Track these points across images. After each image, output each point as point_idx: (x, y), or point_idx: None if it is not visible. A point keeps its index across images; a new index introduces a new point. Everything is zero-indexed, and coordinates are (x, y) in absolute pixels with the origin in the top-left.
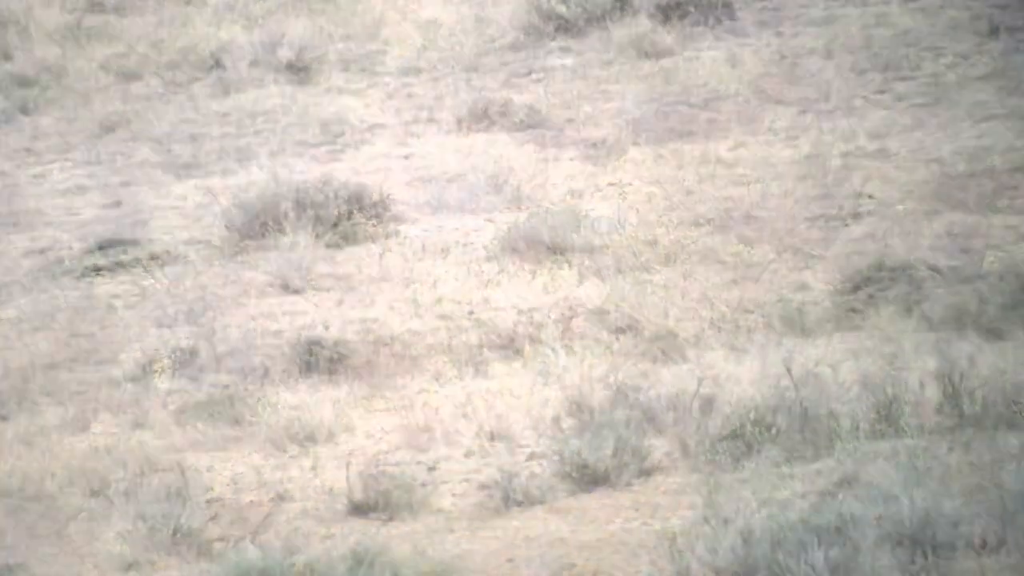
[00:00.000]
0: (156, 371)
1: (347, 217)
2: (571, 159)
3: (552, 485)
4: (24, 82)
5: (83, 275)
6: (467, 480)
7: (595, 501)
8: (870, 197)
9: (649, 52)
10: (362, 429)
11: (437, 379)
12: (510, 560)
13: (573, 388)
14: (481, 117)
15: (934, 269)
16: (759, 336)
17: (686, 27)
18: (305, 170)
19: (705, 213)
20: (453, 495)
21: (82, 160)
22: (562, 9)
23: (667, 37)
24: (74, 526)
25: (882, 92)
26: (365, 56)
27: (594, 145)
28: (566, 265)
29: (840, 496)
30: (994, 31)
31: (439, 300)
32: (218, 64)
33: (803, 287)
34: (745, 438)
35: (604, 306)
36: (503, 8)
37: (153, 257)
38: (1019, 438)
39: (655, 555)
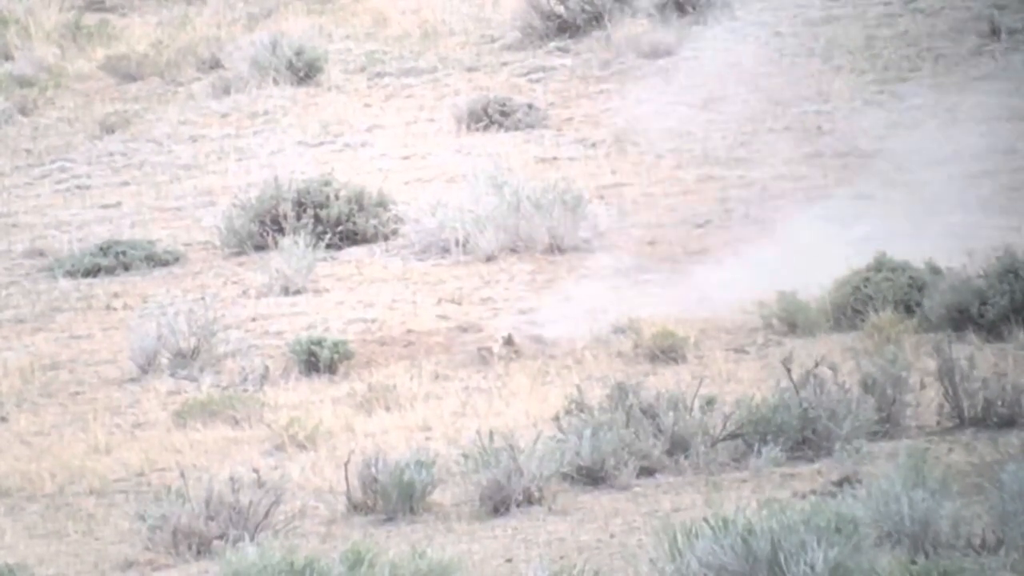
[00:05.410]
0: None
1: (347, 217)
2: (570, 159)
3: (552, 485)
4: (24, 82)
5: (83, 275)
6: (466, 480)
7: (595, 501)
8: (870, 198)
9: (648, 52)
10: (362, 429)
11: (437, 379)
12: (509, 560)
13: (573, 388)
14: (480, 117)
15: (934, 269)
16: (759, 336)
17: (685, 27)
18: (305, 170)
19: (705, 213)
20: (453, 495)
21: (82, 160)
22: (562, 9)
23: (667, 37)
24: (74, 526)
25: (882, 92)
26: (365, 56)
27: (593, 145)
28: (565, 265)
29: (840, 496)
30: (994, 32)
31: (439, 300)
32: (218, 64)
33: (803, 287)
34: (745, 438)
35: (603, 306)
36: (503, 8)
37: (153, 257)
38: (1019, 438)
39: (655, 555)
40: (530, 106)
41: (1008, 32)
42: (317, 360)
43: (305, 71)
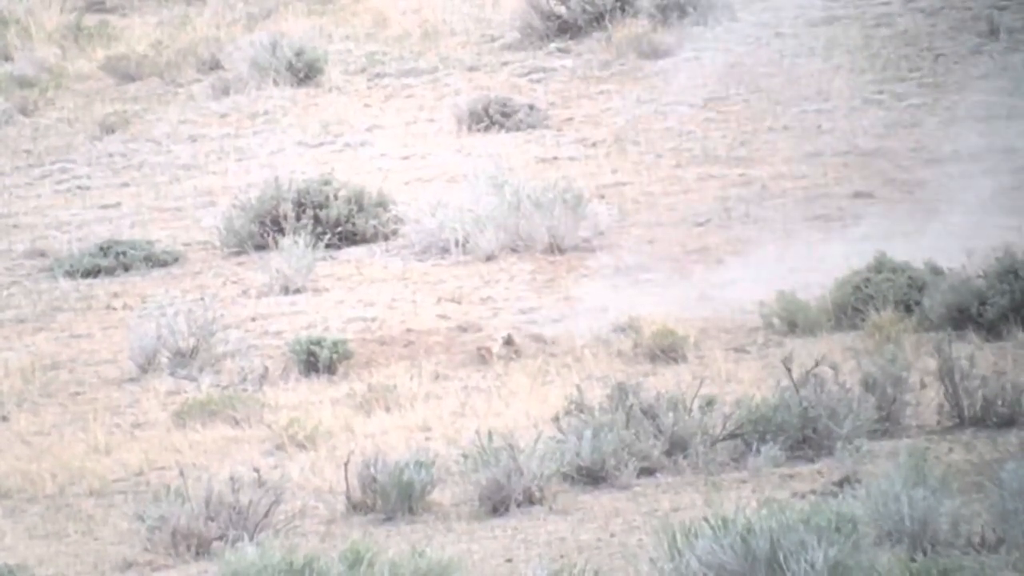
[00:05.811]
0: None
1: (347, 218)
2: (571, 159)
3: (552, 485)
4: (24, 83)
5: (83, 275)
6: (466, 480)
7: (595, 501)
8: (870, 197)
9: (648, 52)
10: (361, 429)
11: (437, 379)
12: (509, 560)
13: (573, 388)
14: (481, 117)
15: (934, 269)
16: (759, 335)
17: (686, 27)
18: (305, 171)
19: (705, 212)
20: (452, 495)
21: (82, 160)
22: (562, 9)
23: (667, 38)
24: (74, 527)
25: (882, 92)
26: (365, 56)
27: (593, 144)
28: (565, 264)
29: (840, 495)
30: (994, 31)
31: (439, 300)
32: (218, 65)
33: (803, 286)
34: (745, 438)
35: (603, 305)
36: (503, 8)
37: (153, 258)
38: (1019, 437)
39: (655, 554)
40: (531, 106)
41: (1007, 32)
42: (317, 360)
43: (305, 72)
